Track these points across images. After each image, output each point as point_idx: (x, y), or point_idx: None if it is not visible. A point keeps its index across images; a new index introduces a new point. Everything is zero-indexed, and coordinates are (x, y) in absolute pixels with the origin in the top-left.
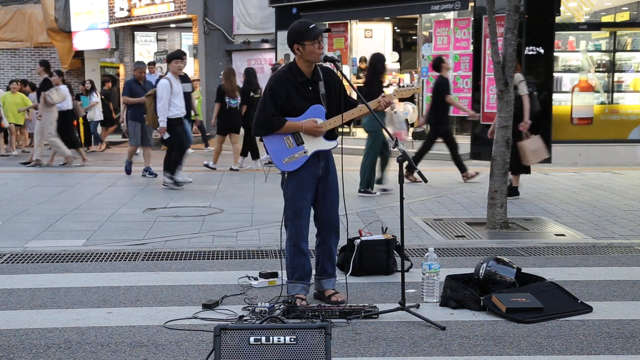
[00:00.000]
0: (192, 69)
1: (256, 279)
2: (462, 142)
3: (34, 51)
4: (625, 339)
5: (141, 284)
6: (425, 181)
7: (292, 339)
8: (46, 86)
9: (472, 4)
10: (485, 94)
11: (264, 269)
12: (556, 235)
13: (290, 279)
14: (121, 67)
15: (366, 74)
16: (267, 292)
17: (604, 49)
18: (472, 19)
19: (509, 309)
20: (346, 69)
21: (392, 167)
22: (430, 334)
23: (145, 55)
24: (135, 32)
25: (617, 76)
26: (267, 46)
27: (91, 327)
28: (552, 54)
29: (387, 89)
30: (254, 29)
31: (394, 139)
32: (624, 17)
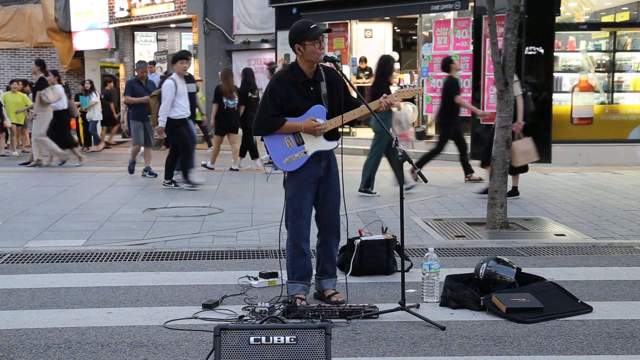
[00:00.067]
0: (192, 69)
1: (256, 279)
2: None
3: (34, 51)
4: (625, 339)
5: (141, 284)
6: (425, 181)
7: (292, 339)
8: (42, 85)
9: (472, 4)
10: (485, 94)
11: (264, 269)
12: (556, 235)
13: (290, 279)
14: (121, 67)
15: (375, 75)
16: (267, 292)
17: (604, 49)
18: (472, 19)
19: (509, 309)
20: (346, 69)
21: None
22: (430, 334)
23: (145, 55)
24: (135, 32)
25: (617, 76)
26: (267, 46)
27: (91, 327)
28: (552, 54)
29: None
30: (254, 29)
31: (394, 138)
32: (624, 17)
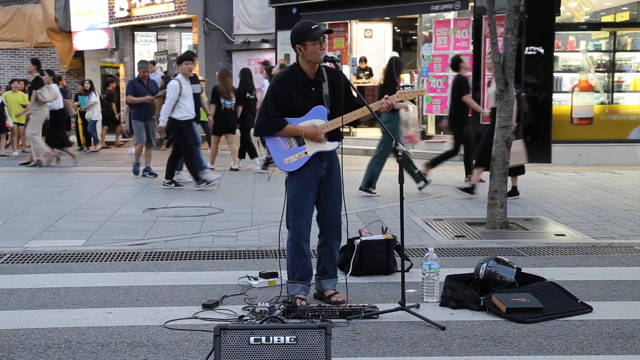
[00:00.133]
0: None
1: (256, 279)
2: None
3: (34, 51)
4: (625, 339)
5: (141, 284)
6: (426, 182)
7: (292, 339)
8: (38, 85)
9: (472, 4)
10: (485, 94)
11: (264, 269)
12: (556, 235)
13: (290, 279)
14: (121, 67)
15: (384, 76)
16: (267, 292)
17: (604, 49)
18: (472, 19)
19: (509, 309)
20: (346, 69)
21: (391, 166)
22: (430, 334)
23: (145, 55)
24: (135, 32)
25: (617, 76)
26: (267, 46)
27: (91, 327)
28: (552, 54)
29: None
30: (254, 29)
31: (394, 138)
32: (624, 17)
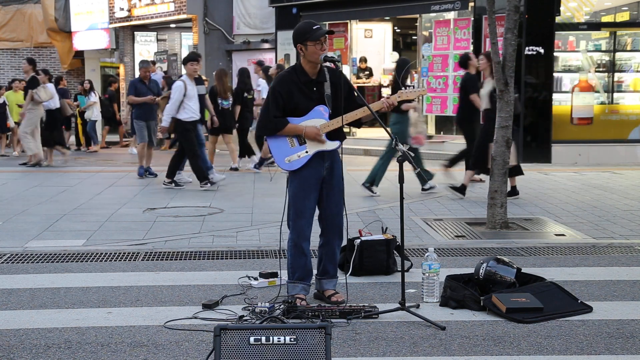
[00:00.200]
0: None
1: (256, 279)
2: (461, 142)
3: (34, 51)
4: (625, 339)
5: (141, 284)
6: (425, 182)
7: (292, 339)
8: (33, 84)
9: (472, 4)
10: None
11: (264, 269)
12: (556, 235)
13: (290, 278)
14: (121, 67)
15: (393, 76)
16: (267, 292)
17: (604, 49)
18: (472, 19)
19: (509, 309)
20: (346, 69)
21: (394, 167)
22: (430, 334)
23: (145, 55)
24: (135, 32)
25: (617, 76)
26: (267, 46)
27: (91, 327)
28: (552, 54)
29: (386, 89)
30: (254, 29)
31: (394, 138)
32: (624, 17)
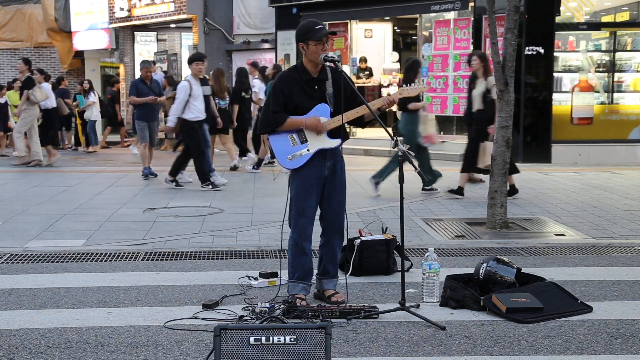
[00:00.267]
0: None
1: (256, 279)
2: (461, 142)
3: (34, 51)
4: (625, 339)
5: (141, 284)
6: (425, 181)
7: (292, 339)
8: (29, 84)
9: (472, 4)
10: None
11: (264, 269)
12: (556, 235)
13: (291, 278)
14: (121, 67)
15: (402, 77)
16: (267, 292)
17: (604, 49)
18: (472, 19)
19: (509, 309)
20: (346, 69)
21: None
22: (430, 334)
23: (145, 55)
24: (135, 32)
25: (617, 76)
26: (267, 46)
27: (91, 327)
28: (552, 54)
29: (386, 88)
30: (254, 29)
31: (394, 139)
32: (624, 17)
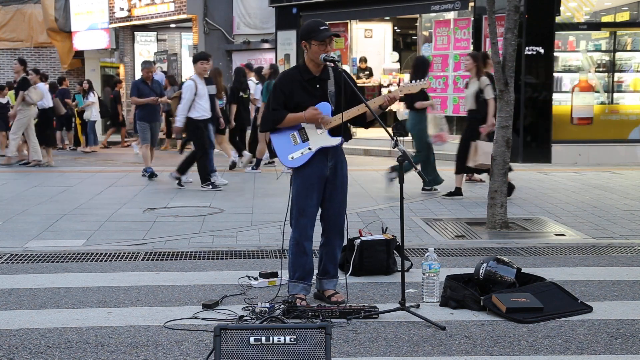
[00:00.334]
0: (192, 69)
1: (256, 279)
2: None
3: (34, 51)
4: (625, 339)
5: (141, 284)
6: (425, 181)
7: (292, 339)
8: (24, 85)
9: (472, 4)
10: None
11: (264, 269)
12: (556, 235)
13: (291, 277)
14: (121, 67)
15: (410, 75)
16: (267, 292)
17: (604, 49)
18: (472, 19)
19: (509, 309)
20: (346, 69)
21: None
22: (430, 334)
23: (145, 55)
24: (135, 32)
25: (617, 76)
26: (267, 46)
27: (91, 327)
28: (552, 54)
29: (386, 88)
30: (254, 29)
31: (394, 139)
32: (624, 17)
